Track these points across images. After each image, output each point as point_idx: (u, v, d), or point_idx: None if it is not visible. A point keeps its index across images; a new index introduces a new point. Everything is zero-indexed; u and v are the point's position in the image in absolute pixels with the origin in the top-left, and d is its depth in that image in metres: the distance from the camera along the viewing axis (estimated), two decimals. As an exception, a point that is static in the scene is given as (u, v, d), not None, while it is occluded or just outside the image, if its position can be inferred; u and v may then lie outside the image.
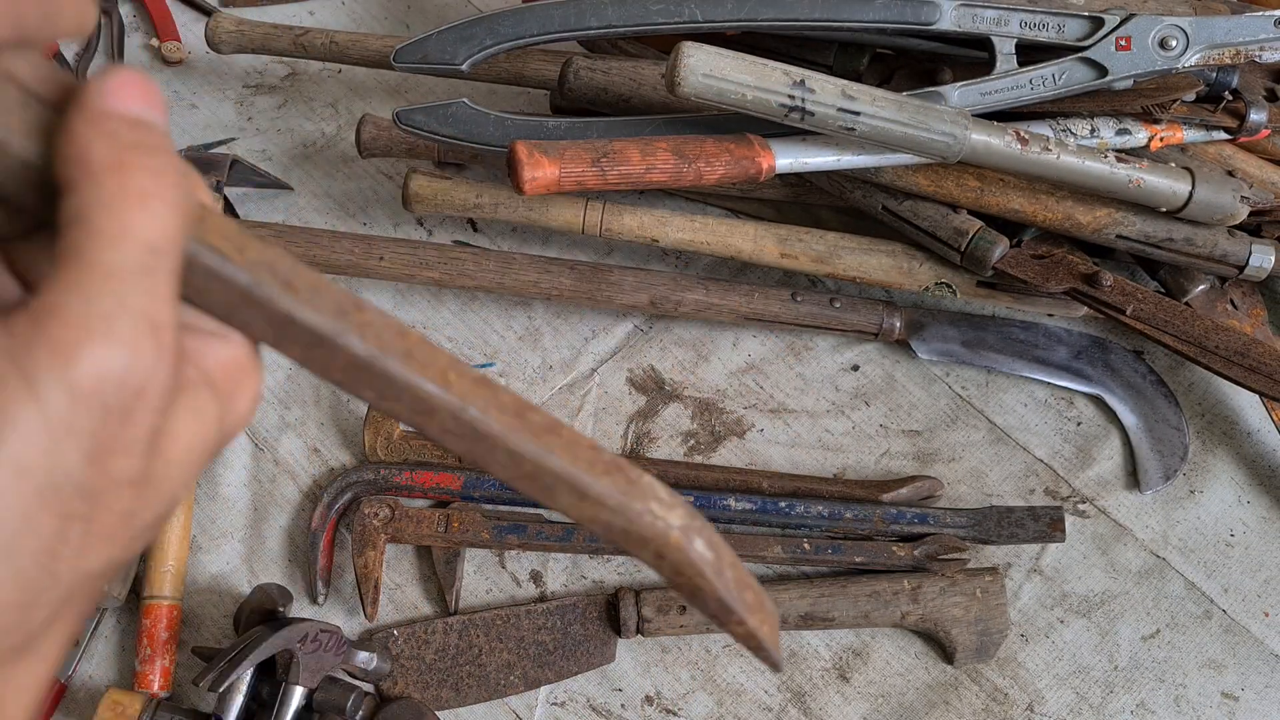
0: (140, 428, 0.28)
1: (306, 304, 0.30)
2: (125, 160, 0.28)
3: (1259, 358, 0.82)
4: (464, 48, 0.82)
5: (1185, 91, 0.83)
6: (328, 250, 0.88)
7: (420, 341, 0.32)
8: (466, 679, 0.80)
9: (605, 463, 0.34)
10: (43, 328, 0.26)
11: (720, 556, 0.35)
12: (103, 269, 0.27)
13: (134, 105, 0.29)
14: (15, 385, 0.26)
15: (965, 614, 0.80)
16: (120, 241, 0.27)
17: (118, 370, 0.27)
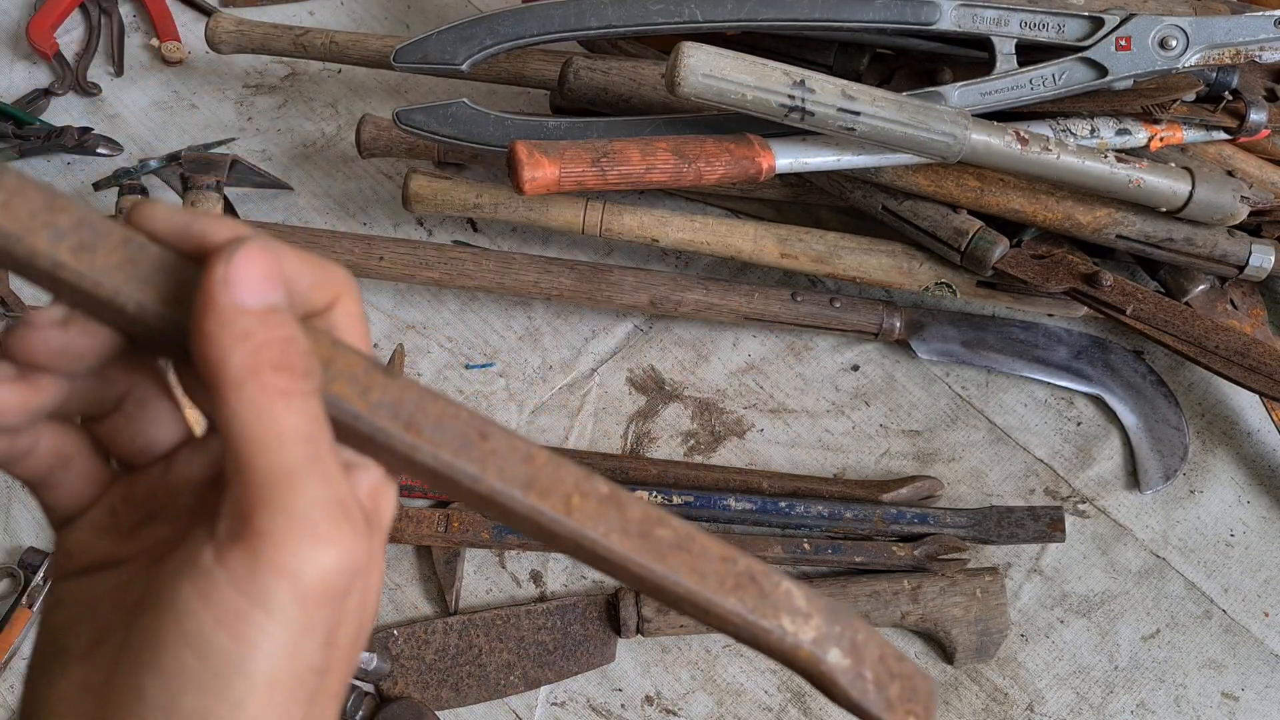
0: (355, 597, 0.31)
1: (428, 443, 0.32)
2: (261, 363, 0.29)
3: (1259, 358, 0.82)
4: (464, 48, 0.82)
5: (1185, 91, 0.83)
6: (328, 250, 0.88)
7: (546, 464, 0.33)
8: (466, 679, 0.80)
9: (736, 576, 0.34)
10: (260, 555, 0.29)
11: (860, 659, 0.35)
12: (280, 477, 0.29)
13: (259, 294, 0.30)
14: (253, 612, 0.28)
15: (965, 614, 0.80)
16: (282, 446, 0.29)
17: (333, 564, 0.29)
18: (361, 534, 0.30)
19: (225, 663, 0.29)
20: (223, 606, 0.29)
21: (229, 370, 0.29)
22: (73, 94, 1.07)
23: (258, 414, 0.29)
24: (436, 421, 0.32)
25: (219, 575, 0.29)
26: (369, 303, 0.95)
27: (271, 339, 0.29)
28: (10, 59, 1.09)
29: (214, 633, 0.29)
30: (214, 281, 0.29)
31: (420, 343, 0.93)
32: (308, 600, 0.29)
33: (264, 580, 0.29)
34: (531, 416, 0.90)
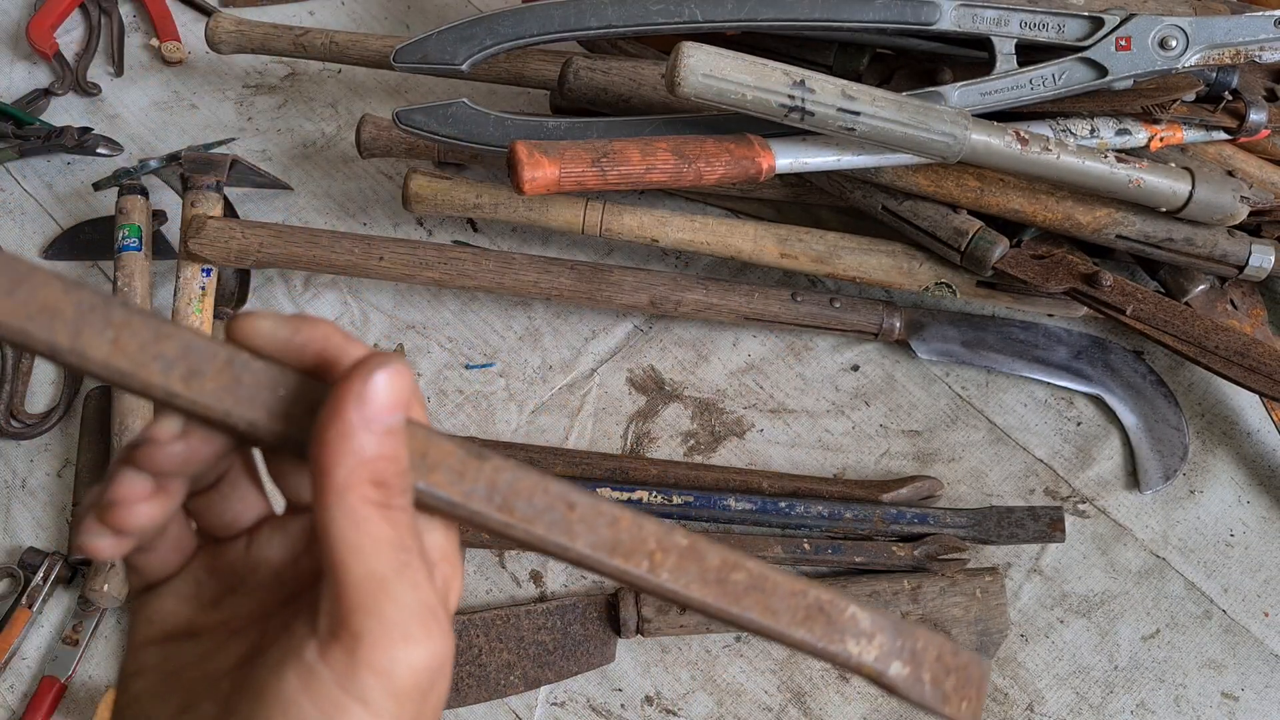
0: (439, 691, 0.34)
1: (521, 521, 0.35)
2: (364, 478, 0.32)
3: (1259, 358, 0.82)
4: (464, 48, 0.82)
5: (1185, 91, 0.83)
6: (328, 250, 0.88)
7: (629, 526, 0.36)
8: (466, 679, 0.80)
9: (806, 608, 0.37)
10: (358, 655, 0.31)
11: (919, 664, 0.39)
12: (374, 583, 0.32)
13: (385, 416, 0.32)
14: (353, 707, 0.31)
15: (965, 614, 0.80)
16: (376, 553, 0.32)
17: (422, 662, 0.32)
18: (446, 633, 0.33)
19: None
20: (325, 699, 0.31)
21: (335, 479, 0.31)
22: (73, 94, 1.07)
23: (355, 522, 0.32)
24: (528, 499, 0.35)
25: (321, 670, 0.32)
26: (369, 303, 0.95)
27: (379, 456, 0.32)
28: (10, 59, 1.09)
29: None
30: (349, 396, 0.32)
31: (420, 343, 0.93)
32: (401, 696, 0.32)
33: (362, 678, 0.31)
34: (531, 416, 0.90)
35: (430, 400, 0.91)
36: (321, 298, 0.95)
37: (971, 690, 0.40)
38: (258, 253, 0.87)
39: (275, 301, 0.95)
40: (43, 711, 0.77)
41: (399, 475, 0.33)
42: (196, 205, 0.90)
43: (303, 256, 0.88)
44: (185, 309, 0.87)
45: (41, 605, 0.81)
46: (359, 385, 0.32)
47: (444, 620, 0.33)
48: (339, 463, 0.32)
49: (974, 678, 0.40)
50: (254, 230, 0.88)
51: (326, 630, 0.32)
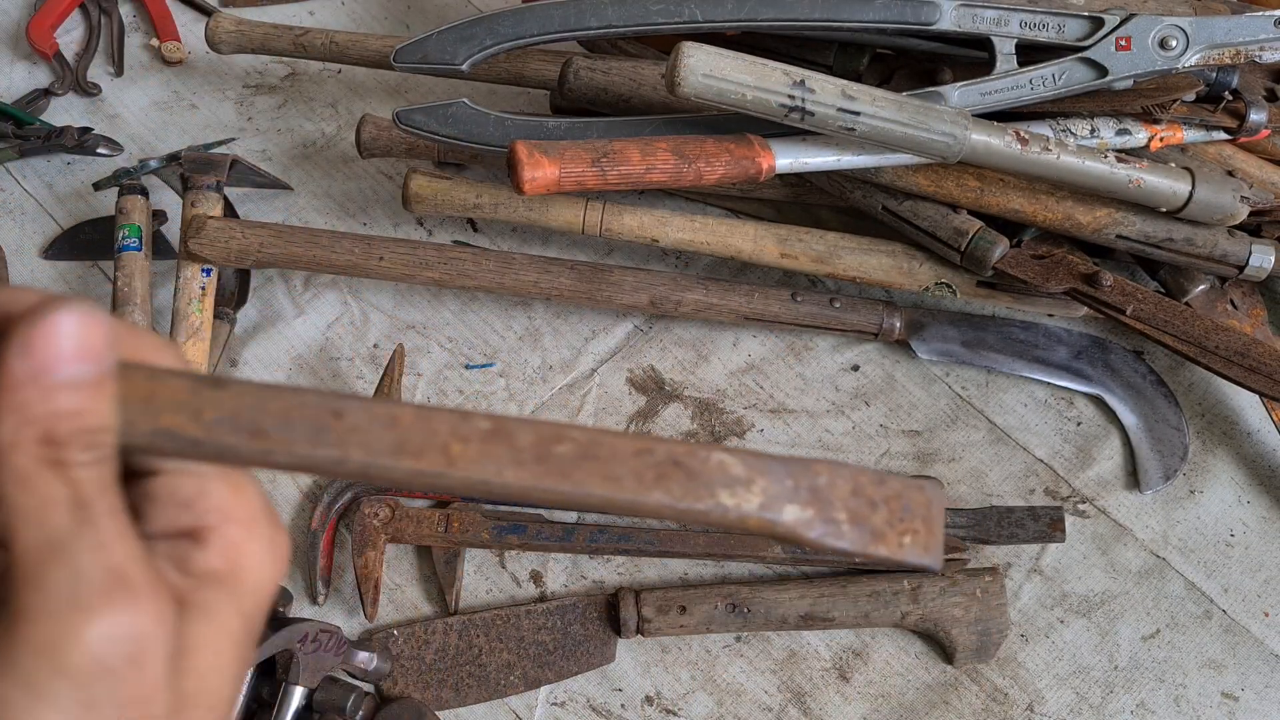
0: (152, 666, 0.28)
1: (278, 444, 0.30)
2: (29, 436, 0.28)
3: (1259, 358, 0.82)
4: (464, 48, 0.82)
5: (1185, 91, 0.83)
6: (327, 250, 0.88)
7: (413, 422, 0.31)
8: (466, 679, 0.80)
9: (657, 466, 0.32)
10: (19, 634, 0.27)
11: (827, 503, 0.33)
12: (42, 551, 0.27)
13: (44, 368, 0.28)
14: (22, 698, 0.27)
15: (965, 614, 0.80)
16: (45, 516, 0.27)
17: (105, 636, 0.27)
18: (146, 600, 0.28)
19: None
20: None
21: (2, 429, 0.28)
22: (73, 94, 1.07)
23: (22, 484, 0.27)
24: (282, 419, 0.30)
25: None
26: (369, 303, 0.95)
27: (50, 413, 0.28)
28: (10, 59, 1.09)
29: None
30: (12, 348, 0.28)
31: (420, 343, 0.93)
32: (78, 678, 0.27)
33: (23, 661, 0.27)
34: (532, 417, 0.90)
35: (430, 400, 0.91)
36: (322, 298, 0.95)
37: (915, 522, 0.34)
38: (258, 253, 0.87)
39: (275, 301, 0.95)
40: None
41: (80, 430, 0.28)
42: (196, 205, 0.90)
43: (303, 256, 0.88)
44: (185, 309, 0.87)
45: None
46: (24, 334, 0.28)
47: (144, 586, 0.28)
48: (1, 420, 0.28)
49: (915, 506, 0.34)
50: (254, 230, 0.88)
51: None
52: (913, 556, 0.34)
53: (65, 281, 0.97)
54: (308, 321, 0.94)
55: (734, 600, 0.80)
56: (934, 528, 0.34)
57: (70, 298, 0.29)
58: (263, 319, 0.95)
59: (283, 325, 0.94)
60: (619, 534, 0.82)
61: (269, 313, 0.95)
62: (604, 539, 0.82)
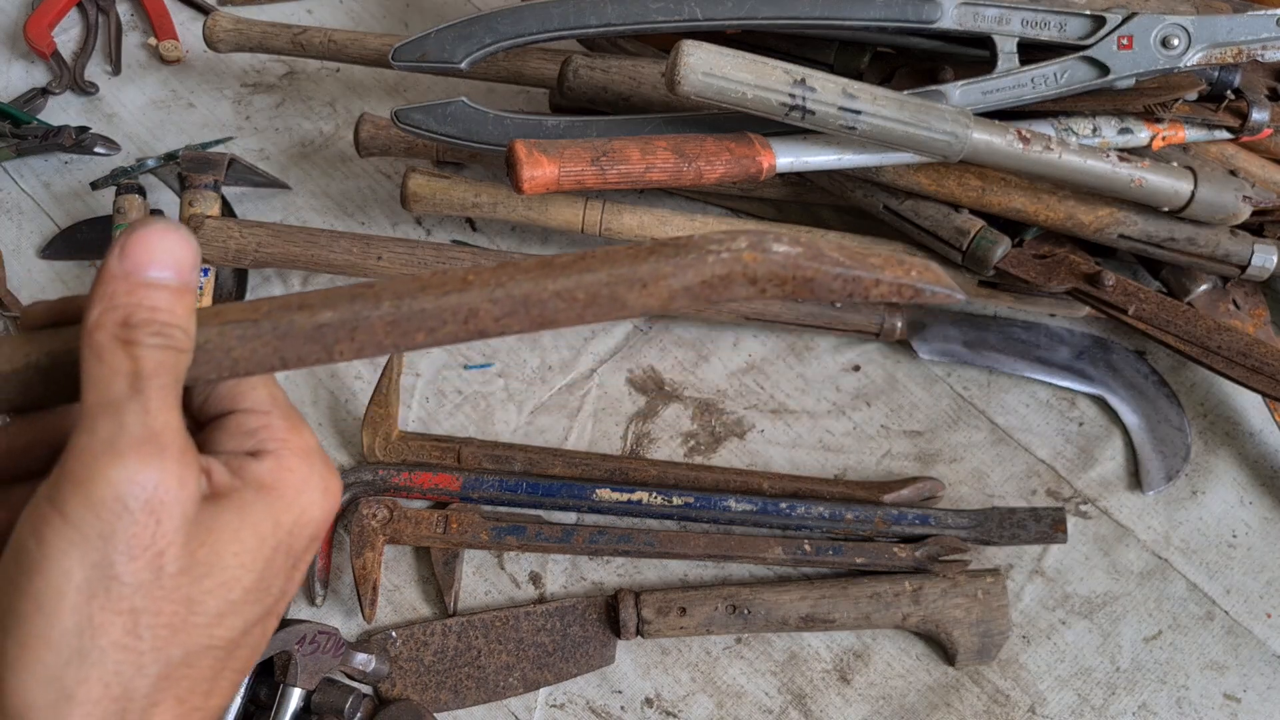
0: (169, 521, 0.33)
1: (327, 308, 0.34)
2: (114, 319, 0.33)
3: (1261, 358, 0.82)
4: (463, 46, 0.81)
5: (1187, 90, 0.83)
6: (326, 250, 0.87)
7: (434, 275, 0.35)
8: (465, 681, 0.80)
9: (646, 250, 0.35)
10: (65, 467, 0.32)
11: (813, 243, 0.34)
12: (99, 407, 0.33)
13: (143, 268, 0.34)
14: (53, 518, 0.32)
15: (967, 615, 0.80)
16: (109, 382, 0.33)
17: (128, 478, 0.32)
18: (171, 463, 0.33)
19: (30, 561, 0.32)
20: (35, 514, 0.32)
21: (88, 320, 0.33)
22: (70, 93, 1.07)
23: (95, 354, 0.33)
24: (324, 297, 0.35)
25: (40, 491, 0.33)
26: (367, 302, 0.95)
27: (130, 301, 0.34)
28: (7, 58, 1.09)
29: (26, 537, 0.32)
30: (113, 250, 0.34)
31: (419, 343, 0.93)
32: (99, 509, 0.32)
33: (63, 488, 0.32)
34: (531, 417, 0.90)
35: (429, 401, 0.90)
36: (320, 297, 0.95)
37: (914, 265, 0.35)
38: (255, 252, 0.87)
39: (273, 301, 0.95)
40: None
41: (154, 322, 0.34)
42: (194, 204, 0.90)
43: (301, 256, 0.87)
44: (183, 309, 0.87)
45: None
46: (124, 239, 0.34)
47: (174, 453, 0.33)
48: (93, 306, 0.33)
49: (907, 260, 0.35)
50: (252, 230, 0.87)
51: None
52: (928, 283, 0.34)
53: (63, 281, 0.96)
54: (306, 321, 0.94)
55: (734, 602, 0.79)
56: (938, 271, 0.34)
57: (172, 221, 0.34)
58: (261, 319, 0.94)
59: (281, 325, 0.94)
60: (618, 535, 0.82)
61: (267, 312, 0.94)
62: (603, 540, 0.81)
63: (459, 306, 0.34)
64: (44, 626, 0.31)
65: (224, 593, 0.35)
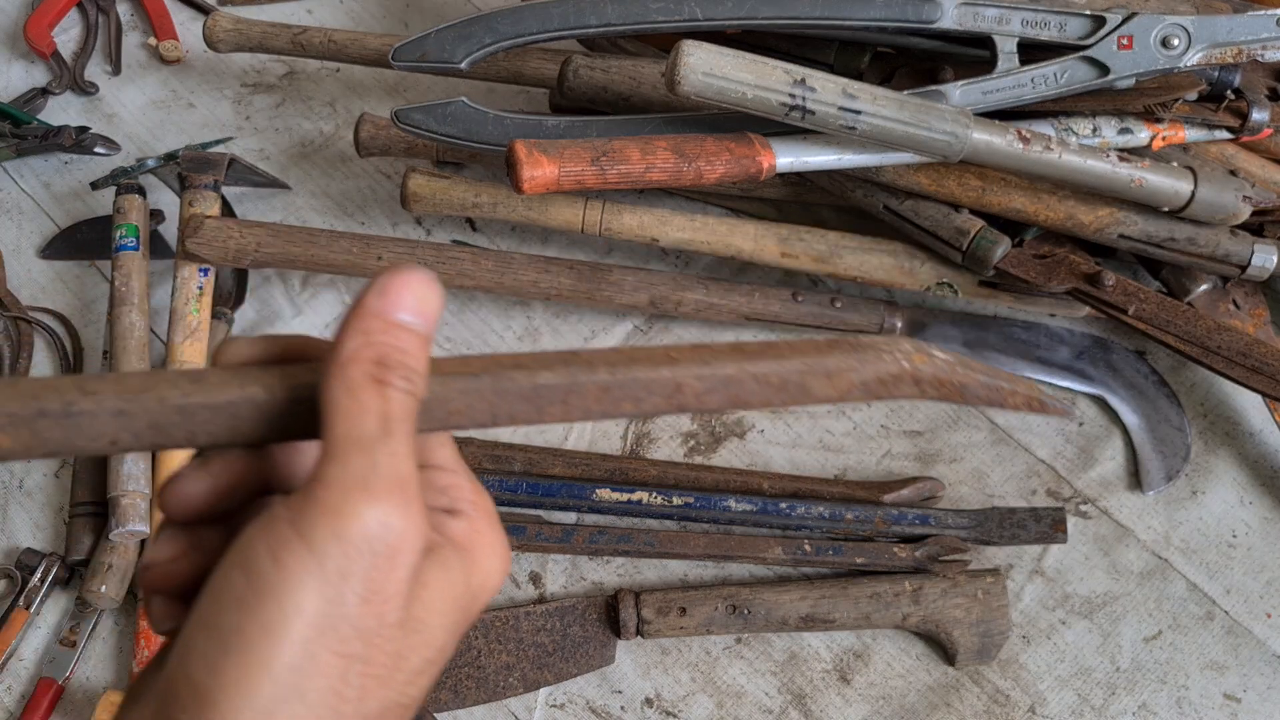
0: (401, 570, 0.33)
1: (544, 369, 0.36)
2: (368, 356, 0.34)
3: (1261, 358, 0.82)
4: (463, 46, 0.81)
5: (1187, 90, 0.83)
6: (325, 250, 0.87)
7: (632, 349, 0.37)
8: (465, 680, 0.80)
9: (827, 344, 0.38)
10: (314, 496, 0.32)
11: (958, 356, 0.39)
12: (351, 441, 0.33)
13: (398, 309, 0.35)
14: (296, 545, 0.31)
15: (967, 615, 0.80)
16: (361, 418, 0.33)
17: (377, 521, 0.32)
18: (414, 513, 0.33)
19: (265, 584, 0.31)
20: (275, 535, 0.32)
21: (341, 353, 0.34)
22: (70, 93, 1.07)
23: (349, 389, 0.33)
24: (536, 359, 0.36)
25: (280, 513, 0.32)
26: (367, 302, 0.95)
27: (385, 342, 0.34)
28: (7, 58, 1.09)
29: (262, 557, 0.31)
30: (371, 287, 0.35)
31: (419, 343, 0.93)
32: (347, 545, 0.31)
33: (311, 516, 0.31)
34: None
35: (429, 400, 0.90)
36: (319, 297, 0.95)
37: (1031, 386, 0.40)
38: (255, 252, 0.87)
39: (273, 301, 0.95)
40: (40, 713, 0.77)
41: (404, 366, 0.34)
42: (194, 204, 0.90)
43: (300, 256, 0.87)
44: (183, 309, 0.87)
45: (39, 606, 0.81)
46: (383, 280, 0.35)
47: (415, 503, 0.33)
48: (348, 339, 0.34)
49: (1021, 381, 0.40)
50: (252, 230, 0.87)
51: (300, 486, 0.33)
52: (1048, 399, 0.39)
53: (62, 281, 0.96)
54: (306, 321, 0.94)
55: (734, 602, 0.79)
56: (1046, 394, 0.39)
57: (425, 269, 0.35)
58: (260, 319, 0.94)
59: (280, 325, 0.94)
60: (618, 535, 0.82)
61: (267, 312, 0.94)
62: (603, 540, 0.81)
63: (668, 380, 0.36)
64: (268, 655, 0.31)
65: (424, 651, 0.35)
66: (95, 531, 0.82)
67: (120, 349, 0.86)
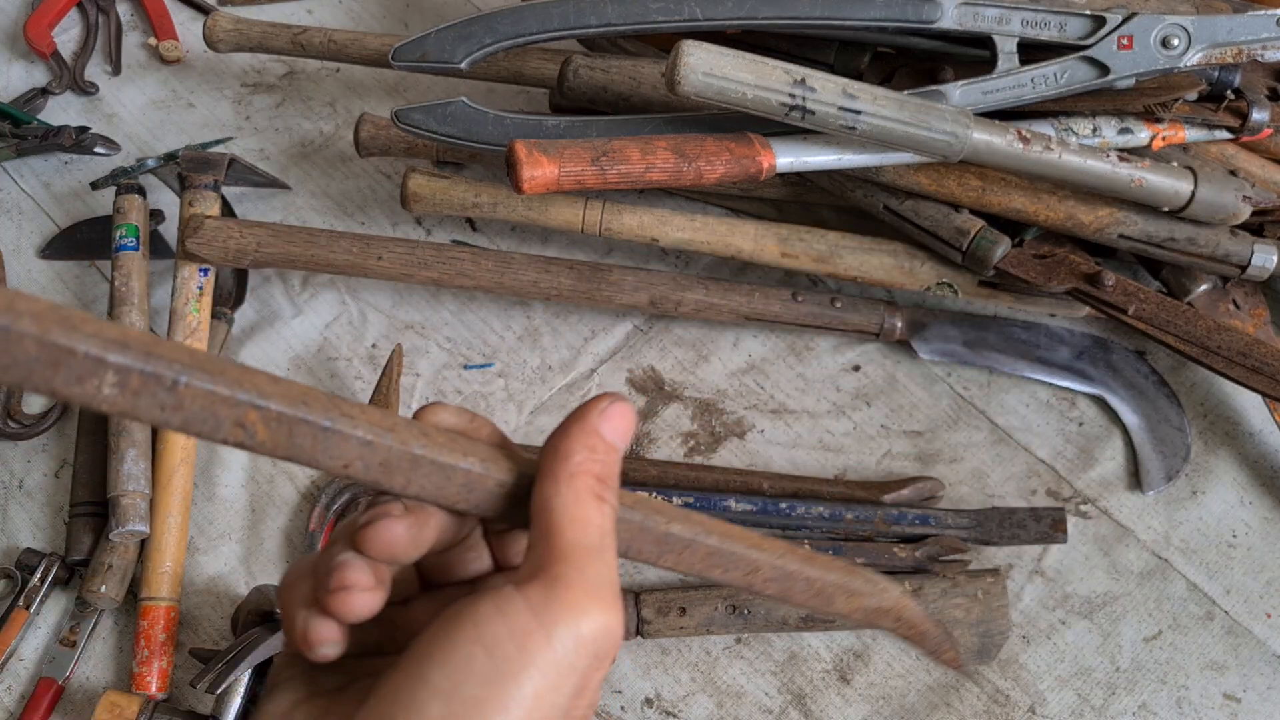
0: (603, 672, 0.37)
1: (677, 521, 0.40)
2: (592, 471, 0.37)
3: (1261, 358, 0.82)
4: (463, 46, 0.81)
5: (1187, 90, 0.83)
6: (326, 250, 0.87)
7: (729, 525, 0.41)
8: (465, 681, 0.80)
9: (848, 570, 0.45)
10: (555, 593, 0.35)
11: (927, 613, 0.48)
12: (581, 549, 0.36)
13: (617, 433, 0.39)
14: (538, 634, 0.34)
15: (967, 615, 0.80)
16: (588, 529, 0.36)
17: (602, 626, 0.35)
18: (622, 621, 0.36)
19: (508, 666, 0.34)
20: (516, 621, 0.34)
21: (571, 462, 0.37)
22: (70, 93, 1.07)
23: (578, 499, 0.37)
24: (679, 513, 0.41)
25: (517, 599, 0.35)
26: (367, 303, 0.95)
27: (605, 460, 0.38)
28: (7, 58, 1.09)
29: (505, 640, 0.34)
30: (595, 407, 0.39)
31: (419, 343, 0.93)
32: (581, 644, 0.35)
33: (555, 613, 0.34)
34: (531, 417, 0.90)
35: (427, 400, 0.90)
36: (319, 298, 0.95)
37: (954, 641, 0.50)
38: (255, 252, 0.87)
39: (273, 301, 0.95)
40: (40, 713, 0.77)
41: (614, 482, 0.38)
42: (194, 205, 0.90)
43: (300, 256, 0.87)
44: (182, 309, 0.87)
45: (39, 606, 0.81)
46: (605, 403, 0.39)
47: (622, 609, 0.36)
48: (576, 451, 0.37)
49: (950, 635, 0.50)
50: (252, 230, 0.87)
51: (527, 573, 0.35)
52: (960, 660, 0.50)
53: (63, 281, 0.96)
54: (305, 321, 0.94)
55: (734, 602, 0.79)
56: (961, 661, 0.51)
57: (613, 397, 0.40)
58: (260, 319, 0.94)
59: (280, 325, 0.94)
60: (619, 535, 0.82)
61: (267, 313, 0.94)
62: (603, 540, 0.81)
63: (752, 561, 0.41)
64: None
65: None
66: (95, 531, 0.82)
67: (120, 349, 0.85)
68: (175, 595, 0.80)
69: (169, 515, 0.81)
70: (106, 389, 0.29)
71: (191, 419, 0.31)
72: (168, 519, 0.81)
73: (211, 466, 0.87)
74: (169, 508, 0.81)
